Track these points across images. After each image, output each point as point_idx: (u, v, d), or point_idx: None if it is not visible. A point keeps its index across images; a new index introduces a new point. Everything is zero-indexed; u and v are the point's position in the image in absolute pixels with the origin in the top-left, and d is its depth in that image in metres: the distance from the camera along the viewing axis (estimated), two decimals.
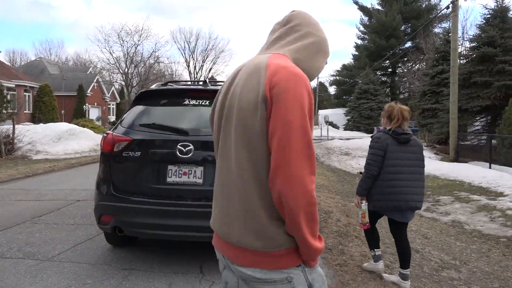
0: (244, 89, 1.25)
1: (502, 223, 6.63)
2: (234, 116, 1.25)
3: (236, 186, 1.26)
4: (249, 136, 1.22)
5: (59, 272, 3.46)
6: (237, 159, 1.24)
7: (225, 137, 1.30)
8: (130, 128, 3.57)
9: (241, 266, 1.27)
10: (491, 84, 14.40)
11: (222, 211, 1.32)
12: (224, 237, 1.31)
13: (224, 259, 1.35)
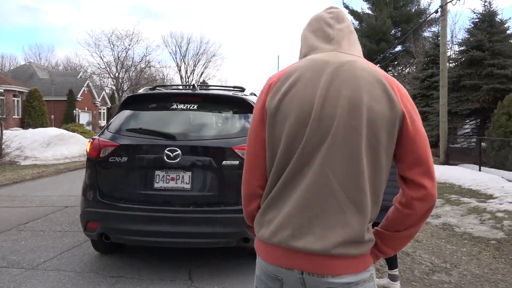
0: (370, 100, 1.18)
1: (492, 225, 6.65)
2: (363, 126, 1.17)
3: (334, 194, 1.18)
4: (376, 149, 1.19)
5: (44, 281, 3.38)
6: (350, 168, 1.18)
7: (330, 144, 1.18)
8: (117, 133, 3.51)
9: (328, 276, 1.19)
10: (480, 87, 14.53)
11: (310, 221, 1.20)
12: (310, 249, 1.19)
13: (297, 275, 1.21)
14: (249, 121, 3.65)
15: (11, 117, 27.10)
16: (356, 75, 1.20)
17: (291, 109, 1.20)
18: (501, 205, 7.87)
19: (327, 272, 1.19)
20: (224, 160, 3.32)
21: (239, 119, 3.67)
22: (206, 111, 3.72)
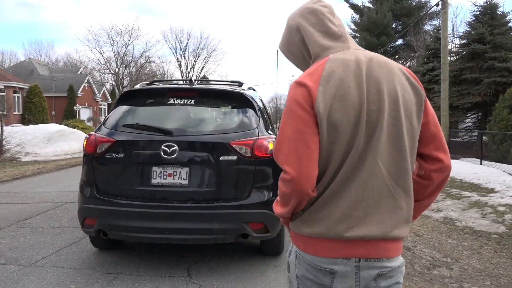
0: (401, 89, 1.31)
1: (494, 219, 6.62)
2: (402, 115, 1.29)
3: (385, 181, 1.28)
4: (412, 133, 1.30)
5: (42, 278, 3.37)
6: (396, 155, 1.29)
7: (378, 137, 1.26)
8: (114, 129, 3.48)
9: (383, 259, 1.29)
10: (481, 81, 14.45)
11: (366, 211, 1.27)
12: (369, 236, 1.26)
13: (354, 263, 1.27)
14: (247, 115, 3.62)
15: (11, 113, 27.08)
16: (386, 69, 1.31)
17: (343, 111, 1.25)
18: (503, 199, 7.83)
19: (384, 255, 1.28)
20: (222, 155, 3.29)
21: (237, 114, 3.64)
22: (204, 106, 3.68)
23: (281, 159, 1.27)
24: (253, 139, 3.36)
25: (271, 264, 3.74)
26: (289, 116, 1.28)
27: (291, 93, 1.30)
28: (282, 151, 1.27)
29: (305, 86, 1.28)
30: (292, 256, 1.37)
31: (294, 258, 1.36)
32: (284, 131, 1.28)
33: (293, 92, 1.30)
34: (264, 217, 3.30)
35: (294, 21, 1.42)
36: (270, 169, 3.41)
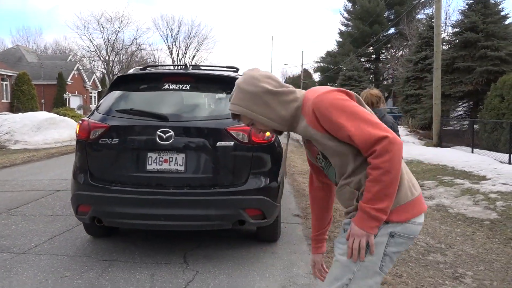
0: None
1: (486, 206, 6.67)
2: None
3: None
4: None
5: (35, 266, 3.31)
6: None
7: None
8: (107, 114, 3.40)
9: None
10: (473, 70, 14.50)
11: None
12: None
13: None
14: None
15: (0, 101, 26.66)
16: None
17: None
18: (494, 186, 7.90)
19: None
20: (219, 141, 3.24)
21: None
22: (199, 92, 3.61)
23: (377, 130, 1.47)
24: None
25: (268, 251, 3.73)
26: (349, 105, 1.53)
27: (331, 96, 1.55)
28: (374, 125, 1.48)
29: (346, 91, 1.60)
30: (383, 237, 1.54)
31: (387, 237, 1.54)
32: (360, 114, 1.51)
33: (331, 95, 1.55)
34: (261, 203, 3.27)
35: (267, 88, 1.64)
36: (267, 155, 3.37)
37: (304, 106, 1.60)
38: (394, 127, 3.93)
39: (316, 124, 1.55)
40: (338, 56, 38.54)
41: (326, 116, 1.51)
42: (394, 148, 1.44)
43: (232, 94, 1.65)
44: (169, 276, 3.13)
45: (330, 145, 1.56)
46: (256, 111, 1.61)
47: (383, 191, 1.46)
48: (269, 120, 1.62)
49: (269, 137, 3.37)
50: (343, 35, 40.27)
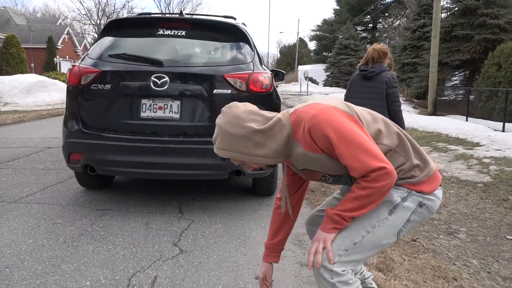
0: None
1: (479, 170, 6.70)
2: None
3: None
4: None
5: (27, 213, 3.25)
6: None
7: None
8: (99, 59, 3.26)
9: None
10: (472, 38, 14.31)
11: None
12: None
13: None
14: (242, 49, 3.43)
15: None
16: None
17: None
18: (488, 152, 7.92)
19: None
20: (215, 88, 3.13)
21: (231, 47, 3.45)
22: (196, 38, 3.46)
23: (373, 162, 1.40)
24: (248, 73, 3.20)
25: (264, 203, 3.69)
26: (345, 127, 1.44)
27: (328, 112, 1.47)
28: (371, 154, 1.42)
29: (332, 106, 1.52)
30: (413, 204, 1.55)
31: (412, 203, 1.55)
32: (360, 137, 1.43)
33: (328, 112, 1.47)
34: None
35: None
36: (266, 104, 3.27)
37: (296, 131, 1.52)
38: (390, 85, 3.79)
39: (315, 147, 1.48)
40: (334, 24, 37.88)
41: (321, 137, 1.44)
42: (388, 179, 1.41)
43: (216, 138, 1.54)
44: (164, 224, 3.09)
45: (335, 162, 1.51)
46: (247, 152, 1.50)
47: (357, 208, 1.45)
48: (262, 158, 1.52)
49: (267, 86, 3.27)
50: (341, 3, 39.47)
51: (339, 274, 1.43)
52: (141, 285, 2.20)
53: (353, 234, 1.50)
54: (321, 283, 1.46)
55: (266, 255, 1.91)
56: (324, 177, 1.62)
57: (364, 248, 1.49)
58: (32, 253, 2.55)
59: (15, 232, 2.87)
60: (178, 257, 2.57)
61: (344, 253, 1.46)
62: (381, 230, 1.51)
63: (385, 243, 1.54)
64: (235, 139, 1.49)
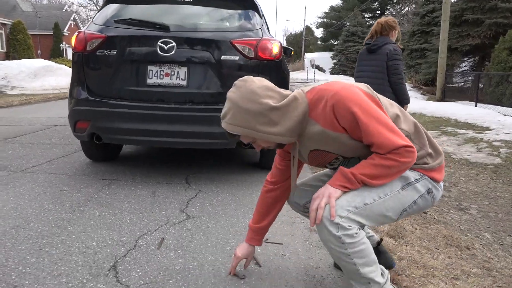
0: None
1: (489, 153, 6.61)
2: None
3: None
4: None
5: (33, 181, 3.22)
6: None
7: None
8: (104, 25, 3.20)
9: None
10: (482, 22, 14.07)
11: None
12: None
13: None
14: (250, 16, 3.36)
15: None
16: None
17: None
18: (498, 135, 7.82)
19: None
20: (223, 54, 3.06)
21: (240, 14, 3.37)
22: (203, 5, 3.38)
23: (400, 140, 1.39)
24: (257, 39, 3.12)
25: None
26: (368, 104, 1.41)
27: (352, 90, 1.43)
28: (396, 134, 1.40)
29: (354, 85, 1.49)
30: (422, 188, 1.55)
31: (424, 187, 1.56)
32: (384, 119, 1.41)
33: (351, 90, 1.43)
34: None
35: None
36: (274, 72, 3.20)
37: (313, 109, 1.47)
38: (390, 58, 3.73)
39: (336, 125, 1.43)
40: (342, 11, 37.43)
41: (346, 114, 1.39)
42: (412, 158, 1.41)
43: (228, 112, 1.47)
44: (170, 193, 3.06)
45: (354, 143, 1.46)
46: (261, 130, 1.44)
47: (372, 176, 1.42)
48: (276, 136, 1.46)
49: (276, 54, 3.19)
50: None
51: (345, 228, 1.38)
52: (148, 246, 2.17)
53: (365, 195, 1.44)
54: (325, 236, 1.40)
55: (250, 238, 1.88)
56: (336, 159, 1.57)
57: (371, 212, 1.44)
58: (38, 216, 2.52)
59: (21, 198, 2.84)
60: (185, 222, 2.53)
61: (353, 210, 1.41)
62: (391, 201, 1.48)
63: (388, 215, 1.49)
64: (250, 115, 1.42)
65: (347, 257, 1.39)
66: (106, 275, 1.85)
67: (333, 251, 1.40)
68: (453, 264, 2.25)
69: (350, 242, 1.37)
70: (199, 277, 1.87)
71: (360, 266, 1.40)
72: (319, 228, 1.42)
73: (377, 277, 1.44)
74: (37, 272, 1.86)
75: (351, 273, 1.42)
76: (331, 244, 1.39)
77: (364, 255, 1.40)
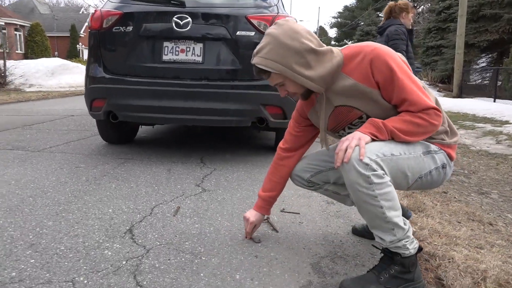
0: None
1: (509, 144, 6.46)
2: None
3: None
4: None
5: (50, 159, 3.25)
6: None
7: None
8: (120, 2, 3.21)
9: None
10: (501, 17, 13.80)
11: None
12: None
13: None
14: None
15: (14, 51, 26.59)
16: None
17: None
18: None
19: None
20: (239, 30, 3.04)
21: None
22: None
23: (430, 102, 1.42)
24: (273, 15, 3.10)
25: None
26: (408, 71, 1.45)
27: (389, 50, 1.46)
28: (426, 96, 1.42)
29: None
30: (438, 162, 1.55)
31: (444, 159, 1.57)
32: (416, 81, 1.45)
33: (388, 50, 1.46)
34: (282, 100, 3.10)
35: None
36: None
37: (347, 63, 1.48)
38: (390, 38, 3.72)
39: (371, 79, 1.43)
40: (356, 10, 37.21)
41: (383, 68, 1.41)
42: (439, 121, 1.43)
43: (264, 47, 1.44)
44: (186, 170, 3.04)
45: (382, 102, 1.46)
46: (295, 70, 1.42)
47: (401, 130, 1.41)
48: (307, 80, 1.44)
49: None
50: None
51: (374, 168, 1.34)
52: (164, 213, 2.15)
53: (392, 148, 1.42)
54: (353, 177, 1.35)
55: (260, 207, 1.86)
56: (360, 119, 1.54)
57: (396, 164, 1.41)
58: (55, 187, 2.53)
59: (38, 172, 2.86)
60: (201, 194, 2.51)
61: (381, 156, 1.38)
62: (413, 161, 1.46)
63: (407, 175, 1.46)
64: (289, 52, 1.41)
65: (373, 200, 1.35)
66: (122, 237, 1.84)
67: (360, 194, 1.36)
68: (476, 235, 2.19)
69: (378, 183, 1.34)
70: (216, 240, 1.85)
71: (387, 209, 1.35)
72: (347, 168, 1.37)
73: (401, 223, 1.39)
74: (54, 233, 1.86)
75: (376, 218, 1.38)
76: (358, 186, 1.35)
77: (391, 197, 1.37)
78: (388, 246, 1.43)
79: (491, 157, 5.69)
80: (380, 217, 1.37)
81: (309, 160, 1.80)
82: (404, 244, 1.41)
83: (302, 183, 1.81)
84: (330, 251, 1.78)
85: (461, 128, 8.23)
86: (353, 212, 2.26)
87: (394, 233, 1.38)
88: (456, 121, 9.02)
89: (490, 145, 6.54)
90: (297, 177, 1.81)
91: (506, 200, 3.73)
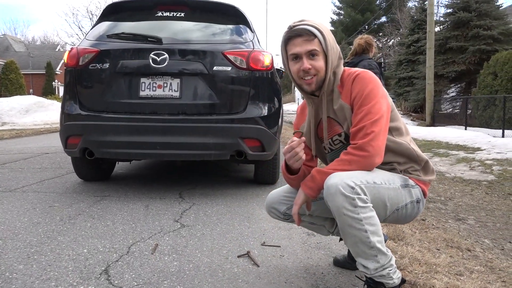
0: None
1: (482, 170, 6.63)
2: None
3: None
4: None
5: (22, 199, 3.14)
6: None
7: None
8: (97, 40, 3.23)
9: None
10: (466, 49, 14.50)
11: None
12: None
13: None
14: (241, 29, 3.42)
15: None
16: None
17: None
18: (489, 155, 7.88)
19: None
20: (216, 65, 3.08)
21: (231, 28, 3.42)
22: (194, 20, 3.44)
23: (376, 133, 1.46)
24: (248, 51, 3.16)
25: (267, 190, 3.59)
26: (382, 97, 1.52)
27: (378, 81, 1.55)
28: (379, 127, 1.47)
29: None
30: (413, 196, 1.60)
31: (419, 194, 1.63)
32: (382, 108, 1.49)
33: (378, 81, 1.55)
34: (260, 133, 3.13)
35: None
36: (267, 83, 3.22)
37: (341, 80, 1.61)
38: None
39: (348, 95, 1.55)
40: None
41: (361, 87, 1.52)
42: (369, 150, 1.48)
43: (320, 25, 1.59)
44: (164, 206, 2.99)
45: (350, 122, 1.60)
46: (334, 48, 1.59)
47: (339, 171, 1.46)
48: (330, 67, 1.57)
49: (268, 65, 3.22)
50: (335, 24, 40.22)
51: (359, 192, 1.38)
52: (142, 251, 2.09)
53: (374, 176, 1.47)
54: (338, 200, 1.37)
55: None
56: (340, 135, 1.62)
57: (377, 192, 1.45)
58: (27, 228, 2.44)
59: (9, 213, 2.76)
60: (179, 230, 2.46)
61: (365, 183, 1.42)
62: (392, 191, 1.51)
63: (386, 205, 1.50)
64: (332, 42, 1.58)
65: (358, 223, 1.36)
66: (97, 278, 1.77)
67: (345, 218, 1.37)
68: (455, 262, 2.20)
69: (362, 206, 1.36)
70: (195, 277, 1.80)
71: (371, 234, 1.36)
72: (332, 192, 1.38)
73: (384, 249, 1.39)
74: (25, 277, 1.77)
75: (360, 243, 1.37)
76: (343, 209, 1.36)
77: (374, 222, 1.38)
78: (373, 275, 1.42)
79: (465, 183, 5.81)
80: (364, 242, 1.37)
81: (284, 192, 1.80)
82: (388, 273, 1.41)
83: (278, 215, 1.80)
84: (312, 284, 1.76)
85: (436, 155, 8.41)
86: (333, 243, 2.25)
87: (378, 260, 1.38)
88: (430, 149, 9.24)
89: (464, 172, 6.69)
90: (273, 210, 1.80)
91: (483, 225, 3.79)
